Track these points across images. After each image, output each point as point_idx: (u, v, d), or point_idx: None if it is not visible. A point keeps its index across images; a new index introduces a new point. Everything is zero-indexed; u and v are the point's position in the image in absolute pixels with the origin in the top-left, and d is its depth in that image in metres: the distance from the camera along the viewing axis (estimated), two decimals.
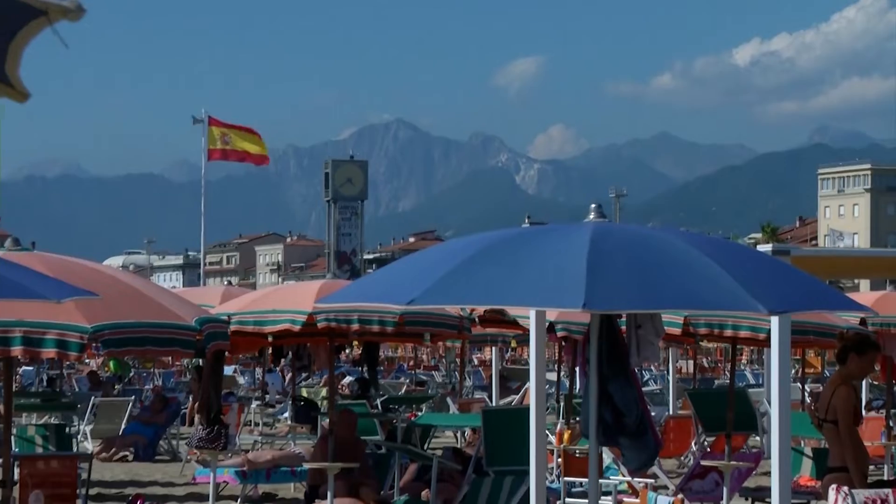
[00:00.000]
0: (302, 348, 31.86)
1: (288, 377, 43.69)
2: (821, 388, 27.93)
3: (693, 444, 27.89)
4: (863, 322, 21.40)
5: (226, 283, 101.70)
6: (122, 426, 34.04)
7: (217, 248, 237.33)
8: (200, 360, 28.57)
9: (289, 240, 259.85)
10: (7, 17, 3.73)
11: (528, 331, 14.57)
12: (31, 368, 49.88)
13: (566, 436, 22.73)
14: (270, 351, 34.06)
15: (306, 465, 20.69)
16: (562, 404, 26.25)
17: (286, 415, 36.68)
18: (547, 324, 16.65)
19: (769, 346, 15.06)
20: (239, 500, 23.19)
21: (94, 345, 16.06)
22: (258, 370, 51.02)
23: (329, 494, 18.04)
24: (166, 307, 16.68)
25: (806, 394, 35.18)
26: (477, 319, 22.96)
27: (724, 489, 19.88)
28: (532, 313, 13.83)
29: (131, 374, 55.40)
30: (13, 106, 4.36)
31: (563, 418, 24.89)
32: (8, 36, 3.83)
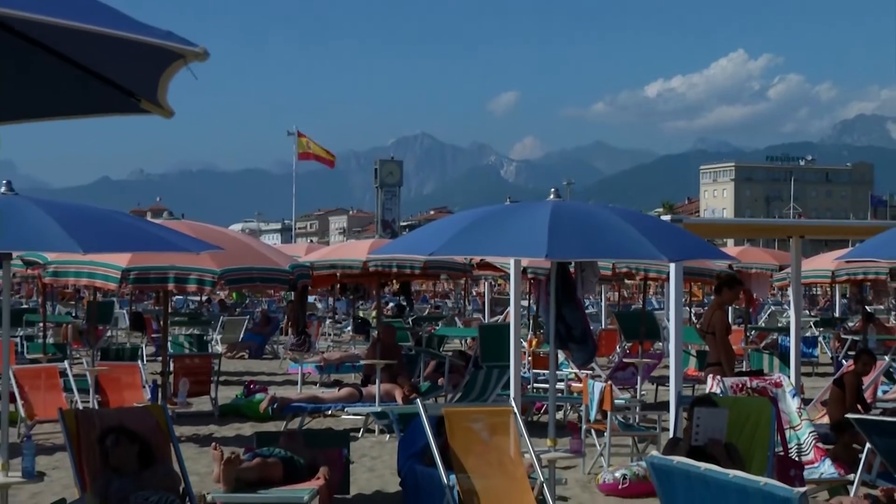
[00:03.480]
0: (360, 284, 31.85)
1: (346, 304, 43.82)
2: (702, 311, 27.85)
3: (618, 347, 27.81)
4: (730, 266, 21.32)
5: (309, 241, 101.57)
6: (241, 335, 34.09)
7: (303, 218, 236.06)
8: (292, 292, 28.49)
9: (351, 212, 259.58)
10: (159, 60, 3.68)
11: (510, 272, 14.54)
12: (181, 298, 49.96)
13: (534, 342, 22.69)
14: (339, 285, 34.01)
15: (362, 362, 20.63)
16: (531, 322, 26.20)
17: (349, 328, 36.72)
18: (521, 268, 16.60)
19: (669, 282, 14.98)
20: (318, 384, 23.21)
21: (221, 282, 16.03)
22: (331, 299, 50.98)
23: (377, 381, 17.99)
24: (269, 257, 16.67)
25: (692, 315, 35.13)
26: (474, 264, 22.88)
27: (639, 377, 19.85)
28: (511, 261, 13.78)
29: (247, 301, 55.42)
30: (168, 122, 4.33)
31: (531, 331, 24.85)
32: (159, 72, 3.78)
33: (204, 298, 48.26)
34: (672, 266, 12.72)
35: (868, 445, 10.96)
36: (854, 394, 14.35)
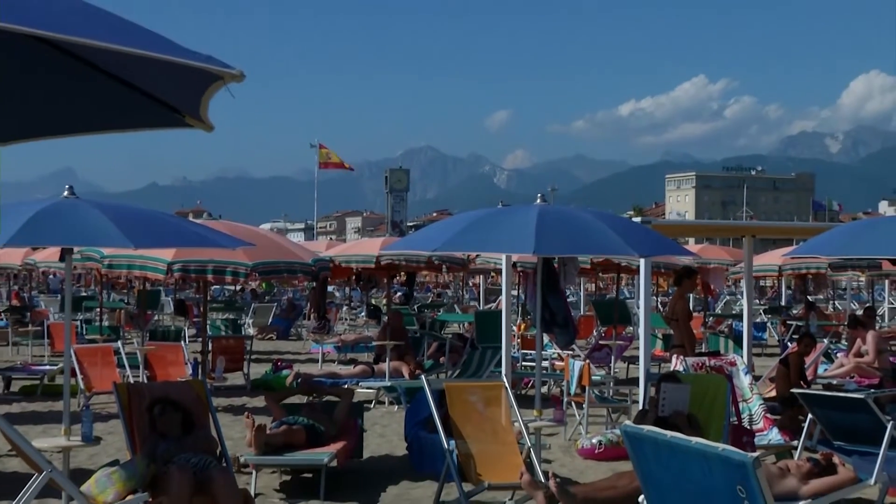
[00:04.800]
0: (372, 276, 31.84)
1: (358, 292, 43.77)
2: (667, 300, 27.87)
3: (594, 331, 27.80)
4: (690, 261, 21.31)
5: (328, 239, 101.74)
6: (270, 320, 34.07)
7: (323, 218, 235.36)
8: (314, 283, 28.53)
9: (364, 214, 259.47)
10: (201, 81, 3.66)
11: (502, 266, 14.53)
12: (218, 287, 49.90)
13: (522, 326, 22.68)
14: (355, 276, 33.99)
15: (374, 343, 20.63)
16: (520, 308, 26.18)
17: (363, 314, 36.69)
18: (512, 263, 16.58)
19: (639, 274, 14.96)
20: (336, 362, 23.19)
21: (253, 273, 16.00)
22: (347, 288, 50.97)
23: (387, 359, 17.99)
24: (294, 252, 16.64)
25: (658, 303, 35.09)
26: (469, 259, 22.89)
27: (612, 357, 19.83)
28: (503, 256, 13.77)
29: (275, 290, 55.37)
30: (208, 135, 4.33)
31: (520, 317, 24.82)
32: (201, 92, 3.77)
33: (238, 288, 48.24)
34: (642, 261, 12.71)
35: (810, 416, 10.96)
36: (798, 372, 14.36)
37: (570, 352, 18.35)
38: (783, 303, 40.19)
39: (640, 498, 5.80)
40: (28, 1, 3.20)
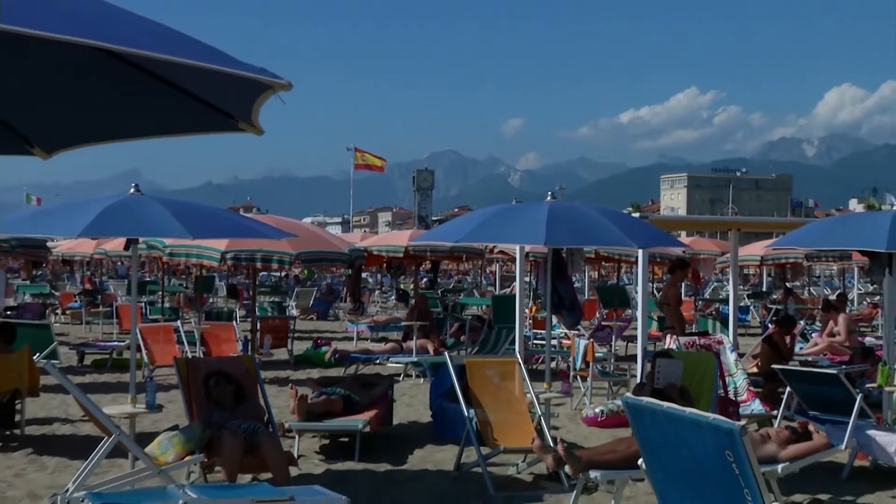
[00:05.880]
0: (401, 264, 31.82)
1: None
2: (660, 286, 27.76)
3: (597, 313, 27.72)
4: (683, 252, 21.21)
5: (363, 231, 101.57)
6: (311, 302, 34.11)
7: (358, 213, 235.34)
8: (350, 269, 28.53)
9: (394, 210, 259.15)
10: (253, 90, 3.66)
11: (516, 255, 14.51)
12: (265, 273, 50.01)
13: (533, 309, 22.62)
14: (386, 264, 33.99)
15: (403, 323, 20.61)
16: (531, 293, 26.13)
17: (393, 297, 36.69)
18: (525, 252, 16.53)
19: (637, 263, 14.90)
20: (369, 340, 23.18)
21: (296, 261, 16.03)
22: (379, 275, 50.98)
23: (414, 338, 17.98)
24: (333, 242, 16.68)
25: (654, 289, 34.97)
26: (487, 249, 22.81)
27: (613, 336, 19.77)
28: (517, 247, 13.74)
29: (315, 276, 55.44)
30: (256, 138, 4.33)
31: (532, 300, 24.77)
32: (252, 100, 3.77)
33: (283, 274, 48.35)
34: (640, 251, 12.66)
35: (788, 389, 10.91)
36: (785, 348, 14.37)
37: (576, 331, 18.30)
38: (764, 289, 40.03)
39: (639, 461, 5.78)
40: (106, 19, 3.21)
